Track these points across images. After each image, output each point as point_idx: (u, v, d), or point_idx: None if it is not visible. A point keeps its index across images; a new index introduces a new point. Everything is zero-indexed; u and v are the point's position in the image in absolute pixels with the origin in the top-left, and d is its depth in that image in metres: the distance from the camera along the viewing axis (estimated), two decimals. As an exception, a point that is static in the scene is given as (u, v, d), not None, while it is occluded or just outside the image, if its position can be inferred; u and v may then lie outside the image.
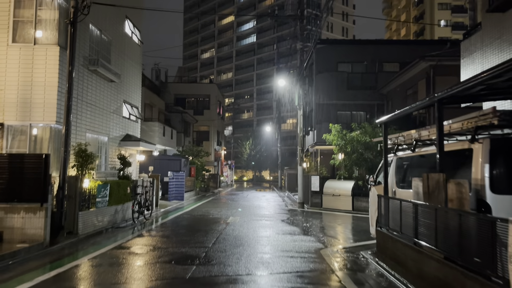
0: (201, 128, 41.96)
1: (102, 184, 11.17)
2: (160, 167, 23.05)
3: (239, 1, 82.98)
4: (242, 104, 79.44)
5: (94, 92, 12.36)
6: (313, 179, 18.35)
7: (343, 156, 18.70)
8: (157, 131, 27.23)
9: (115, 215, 12.09)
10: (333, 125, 17.31)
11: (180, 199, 21.82)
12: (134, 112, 15.86)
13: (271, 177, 65.25)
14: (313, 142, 24.15)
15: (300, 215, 16.16)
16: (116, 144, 14.32)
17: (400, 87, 21.30)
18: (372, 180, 8.95)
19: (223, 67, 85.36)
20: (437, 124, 5.43)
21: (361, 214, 16.24)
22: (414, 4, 74.84)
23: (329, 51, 25.57)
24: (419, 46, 25.13)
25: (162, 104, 32.10)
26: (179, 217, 14.76)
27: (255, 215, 15.28)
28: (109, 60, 13.38)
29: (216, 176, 38.17)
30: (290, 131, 66.00)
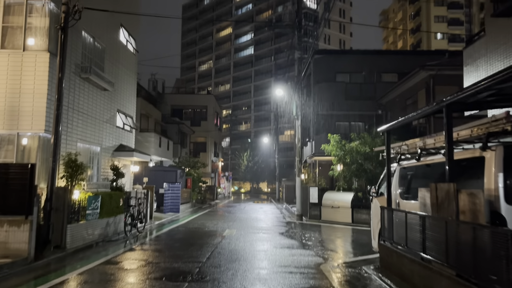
0: (198, 139, 41.58)
1: (93, 195, 10.74)
2: (156, 178, 22.59)
3: (237, 14, 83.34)
4: (240, 115, 79.21)
5: (86, 101, 12.00)
6: (311, 191, 17.93)
7: (342, 167, 18.33)
8: (153, 142, 26.85)
9: (106, 228, 11.63)
10: (332, 135, 16.98)
11: (176, 211, 21.34)
12: (128, 122, 15.49)
13: (269, 189, 64.72)
14: (311, 153, 23.79)
15: (298, 228, 15.70)
16: (109, 154, 13.92)
17: (399, 97, 21.04)
18: (374, 191, 8.56)
19: (221, 79, 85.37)
20: (446, 131, 5.07)
21: (361, 226, 15.80)
22: (410, 17, 75.36)
23: (327, 61, 25.39)
24: (417, 57, 24.99)
25: (159, 115, 31.77)
26: (173, 230, 14.29)
27: (252, 228, 14.83)
28: (102, 68, 13.06)
29: (213, 187, 37.68)
30: (287, 143, 65.68)
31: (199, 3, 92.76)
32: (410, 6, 75.35)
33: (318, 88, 24.89)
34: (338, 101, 24.66)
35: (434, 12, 69.41)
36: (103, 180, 13.35)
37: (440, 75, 16.96)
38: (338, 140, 16.66)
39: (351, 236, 13.70)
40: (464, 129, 5.55)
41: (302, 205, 18.42)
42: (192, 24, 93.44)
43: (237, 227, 14.90)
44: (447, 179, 5.07)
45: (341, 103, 24.63)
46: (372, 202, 8.89)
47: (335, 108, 24.64)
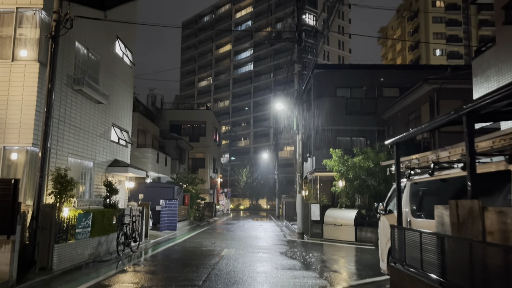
0: (196, 155, 41.05)
1: (84, 213, 10.16)
2: (152, 195, 22.01)
3: (236, 31, 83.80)
4: (239, 131, 78.92)
5: (79, 114, 11.53)
6: (313, 208, 17.34)
7: (344, 183, 17.79)
8: (150, 158, 26.32)
9: (98, 247, 11.01)
10: (334, 150, 16.48)
11: (173, 229, 20.67)
12: (124, 137, 15.00)
13: (268, 206, 63.88)
14: (312, 168, 23.26)
15: (300, 247, 15.06)
16: (102, 169, 13.38)
17: (401, 112, 20.63)
18: (382, 208, 8.01)
19: (220, 95, 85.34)
20: (467, 141, 4.57)
21: (365, 245, 15.18)
22: (409, 34, 75.77)
23: (327, 76, 25.07)
24: (419, 71, 24.66)
25: (157, 130, 31.32)
26: (169, 249, 13.65)
27: (251, 247, 14.19)
28: (96, 80, 12.63)
29: (211, 204, 36.98)
30: (287, 159, 65.14)
31: (199, 20, 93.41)
32: (409, 23, 75.90)
33: (318, 103, 24.51)
34: (338, 116, 24.24)
35: (433, 29, 69.86)
36: (96, 196, 12.79)
37: (444, 89, 16.57)
38: (340, 155, 16.16)
39: (355, 255, 13.07)
40: (484, 141, 5.06)
41: (303, 222, 17.80)
42: (192, 41, 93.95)
43: (235, 246, 14.26)
44: (469, 195, 4.54)
45: (342, 118, 24.21)
46: (380, 220, 8.33)
47: (335, 123, 24.20)
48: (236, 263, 10.56)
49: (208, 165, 41.27)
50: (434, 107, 16.70)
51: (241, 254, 12.26)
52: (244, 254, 12.19)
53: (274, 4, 74.47)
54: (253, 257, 11.78)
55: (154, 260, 11.34)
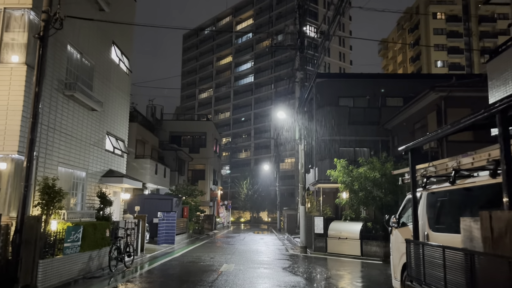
0: (196, 167, 40.39)
1: (73, 226, 9.51)
2: (150, 207, 21.33)
3: (237, 43, 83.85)
4: (240, 143, 78.36)
5: (70, 121, 10.95)
6: (316, 221, 16.65)
7: (348, 195, 17.13)
8: (148, 169, 25.70)
9: (88, 262, 10.33)
10: (338, 160, 15.86)
11: (171, 242, 19.95)
12: (120, 146, 14.40)
13: (269, 218, 62.94)
14: (314, 180, 22.60)
15: (303, 262, 14.34)
16: (96, 180, 12.75)
17: (406, 121, 20.04)
18: (395, 221, 7.36)
19: (221, 107, 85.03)
20: (502, 143, 3.96)
21: (372, 260, 14.46)
22: (410, 46, 75.71)
23: (329, 85, 24.56)
24: (423, 80, 24.18)
25: (156, 141, 30.75)
26: (166, 264, 12.94)
27: (252, 262, 13.48)
28: (90, 86, 12.09)
29: (211, 217, 36.22)
30: (288, 171, 64.43)
31: (200, 33, 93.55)
32: (410, 35, 75.88)
33: (320, 112, 23.95)
34: (341, 126, 23.66)
35: (434, 41, 69.71)
36: (89, 208, 12.14)
37: (452, 97, 15.99)
38: (345, 165, 15.52)
39: (361, 271, 12.35)
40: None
41: (306, 236, 17.08)
42: (193, 53, 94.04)
43: (235, 261, 13.55)
44: (506, 206, 3.91)
45: (345, 128, 23.62)
46: (392, 234, 7.66)
47: (338, 133, 23.61)
48: (235, 279, 9.87)
49: (208, 176, 40.58)
50: (441, 116, 16.11)
51: (241, 269, 11.56)
52: (244, 270, 11.49)
53: (274, 16, 74.57)
54: (254, 273, 11.08)
55: (149, 276, 10.64)
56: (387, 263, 13.78)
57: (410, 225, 6.84)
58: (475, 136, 15.94)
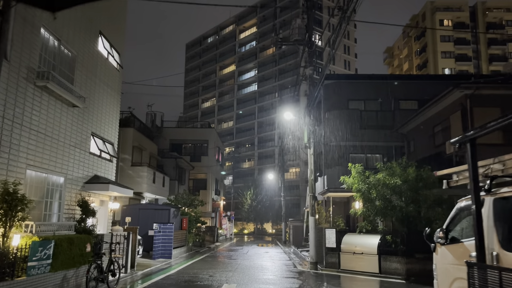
0: (198, 176, 38.75)
1: (41, 240, 7.89)
2: (145, 218, 19.70)
3: (240, 51, 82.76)
4: (243, 153, 76.75)
5: (44, 117, 9.41)
6: (328, 233, 14.93)
7: (361, 204, 15.44)
8: (145, 177, 24.11)
9: (62, 284, 8.69)
10: (353, 165, 14.19)
11: (168, 257, 18.25)
12: (108, 149, 12.83)
13: (274, 230, 60.93)
14: (323, 189, 20.88)
15: (313, 280, 12.61)
16: (78, 187, 11.15)
17: (424, 124, 18.39)
18: (441, 235, 5.68)
19: (224, 116, 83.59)
20: None
21: (392, 278, 12.71)
22: (416, 53, 74.35)
23: (338, 87, 23.00)
24: (439, 82, 22.51)
25: (154, 148, 29.21)
26: (157, 283, 11.26)
27: (256, 281, 11.76)
28: (71, 79, 10.56)
29: (213, 228, 34.44)
30: (293, 181, 62.63)
31: (203, 41, 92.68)
32: (416, 42, 74.60)
33: (329, 116, 22.35)
34: (352, 130, 22.04)
35: (441, 48, 68.38)
36: (68, 219, 10.53)
37: (479, 95, 14.38)
38: (361, 171, 13.84)
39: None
40: None
41: (316, 250, 15.35)
42: (196, 62, 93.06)
43: (237, 280, 11.83)
44: None
45: (356, 133, 22.00)
46: (437, 252, 5.97)
47: (348, 138, 21.98)
48: (237, 306, 8.18)
49: (210, 186, 38.90)
50: (467, 116, 14.47)
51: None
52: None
53: (278, 24, 73.41)
54: (259, 296, 9.38)
55: (133, 300, 8.97)
56: (410, 283, 12.02)
57: (465, 241, 5.18)
58: (505, 138, 14.32)
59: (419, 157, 18.24)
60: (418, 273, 12.62)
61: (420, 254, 12.93)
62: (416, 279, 12.31)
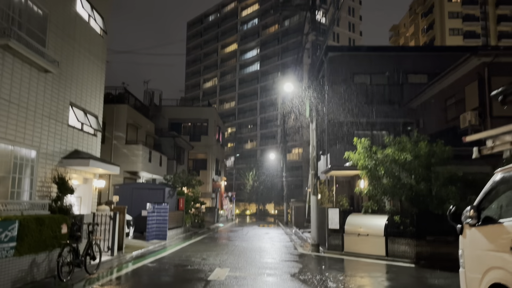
0: (198, 156, 37.78)
1: (1, 220, 6.88)
2: (139, 197, 18.79)
3: (242, 29, 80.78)
4: (245, 133, 75.65)
5: (7, 81, 8.27)
6: (331, 214, 13.89)
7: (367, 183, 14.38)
8: (141, 156, 23.09)
9: (31, 269, 7.72)
10: (358, 139, 13.03)
11: (162, 238, 17.35)
12: (91, 122, 11.72)
13: (276, 211, 60.24)
14: (326, 167, 19.80)
15: (315, 265, 11.63)
16: (54, 162, 10.09)
17: (436, 97, 17.15)
18: (472, 214, 4.57)
19: (226, 96, 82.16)
20: None
21: (400, 262, 11.71)
22: (423, 31, 72.17)
23: (343, 60, 21.64)
24: (450, 54, 20.96)
25: (151, 127, 28.11)
26: (144, 268, 10.30)
27: (252, 265, 10.78)
28: (42, 41, 9.39)
29: (213, 209, 33.58)
30: (295, 162, 61.67)
31: (204, 20, 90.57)
32: (423, 19, 72.32)
33: (333, 91, 21.07)
34: (357, 106, 20.80)
35: (449, 25, 66.27)
36: (42, 198, 9.51)
37: (497, 63, 13.11)
38: (367, 146, 12.69)
39: (390, 278, 9.60)
40: None
41: (318, 231, 14.35)
42: (197, 40, 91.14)
43: (231, 264, 10.85)
44: None
45: (361, 109, 20.74)
46: (465, 235, 4.86)
47: (353, 114, 20.76)
48: (226, 295, 7.18)
49: (210, 166, 37.94)
50: (484, 86, 13.24)
51: (235, 277, 8.85)
52: (239, 278, 8.78)
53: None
54: (252, 283, 8.37)
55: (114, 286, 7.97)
56: (420, 267, 11.02)
57: (506, 221, 4.07)
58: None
59: (429, 133, 17.05)
60: (429, 256, 11.60)
61: (431, 236, 11.90)
62: (427, 263, 11.31)
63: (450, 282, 8.81)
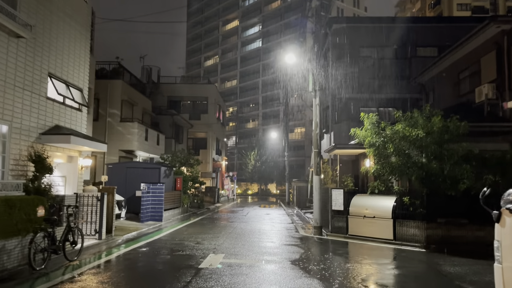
0: (197, 135, 36.84)
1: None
2: (133, 177, 17.96)
3: (244, 5, 78.64)
4: (247, 113, 74.47)
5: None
6: (334, 194, 13.01)
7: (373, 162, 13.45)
8: (136, 134, 22.18)
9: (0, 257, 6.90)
10: (366, 115, 12.03)
11: (158, 219, 16.63)
12: (74, 96, 10.74)
13: (278, 191, 59.64)
14: (329, 145, 18.85)
15: (317, 248, 10.83)
16: (31, 138, 9.16)
17: (447, 71, 16.04)
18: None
19: (227, 74, 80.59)
20: None
21: (409, 246, 10.91)
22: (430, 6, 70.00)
23: (349, 33, 20.43)
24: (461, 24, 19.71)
25: (148, 104, 27.10)
26: (131, 253, 9.50)
27: (250, 250, 9.97)
28: (13, 3, 8.33)
29: (214, 189, 32.83)
30: (297, 141, 60.72)
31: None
32: (430, -8, 70.07)
33: (337, 66, 19.95)
34: (362, 82, 19.74)
35: (457, 0, 64.20)
36: (17, 177, 8.63)
37: (518, 30, 11.96)
38: (375, 122, 11.70)
39: (398, 265, 8.76)
40: None
41: (321, 213, 13.50)
42: (198, 17, 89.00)
43: (227, 249, 10.03)
44: None
45: (367, 84, 19.69)
46: (504, 223, 3.94)
47: (359, 90, 19.72)
48: (217, 285, 6.33)
49: (211, 145, 37.03)
50: (502, 56, 12.15)
51: (230, 265, 8.02)
52: (234, 266, 7.95)
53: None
54: (247, 271, 7.53)
55: (87, 277, 7.15)
56: (431, 252, 10.20)
57: None
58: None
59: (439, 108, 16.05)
60: (440, 240, 10.76)
61: (442, 218, 11.02)
62: (438, 247, 10.49)
63: (467, 270, 7.97)
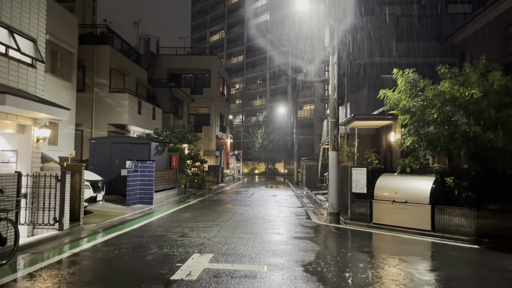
0: (200, 110, 34.41)
1: None
2: (119, 154, 15.67)
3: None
4: (254, 89, 71.59)
5: None
6: (355, 174, 10.55)
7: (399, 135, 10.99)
8: (127, 107, 19.80)
9: None
10: (399, 71, 9.44)
11: (148, 202, 14.38)
12: (21, 47, 8.27)
13: (286, 170, 57.33)
14: (346, 118, 16.28)
15: (337, 244, 8.43)
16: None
17: (490, 25, 13.26)
18: None
19: (233, 50, 77.35)
20: None
21: (452, 240, 8.49)
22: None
23: (369, -13, 17.60)
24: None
25: (143, 74, 24.61)
26: (90, 251, 7.18)
27: (248, 247, 7.59)
28: None
29: (217, 168, 30.53)
30: (307, 119, 57.90)
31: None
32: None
33: (355, 26, 17.19)
34: (384, 43, 17.02)
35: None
36: None
37: None
38: (412, 81, 9.11)
39: (444, 266, 6.31)
40: None
41: (338, 196, 11.05)
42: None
43: (218, 245, 7.67)
44: None
45: (389, 47, 16.97)
46: None
47: (380, 53, 17.02)
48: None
49: (214, 122, 34.61)
50: None
51: (216, 274, 5.62)
52: (222, 276, 5.56)
53: None
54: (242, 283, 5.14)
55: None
56: (485, 249, 7.75)
57: None
58: None
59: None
60: (494, 233, 8.28)
61: (495, 205, 8.50)
62: (492, 241, 8.05)
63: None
